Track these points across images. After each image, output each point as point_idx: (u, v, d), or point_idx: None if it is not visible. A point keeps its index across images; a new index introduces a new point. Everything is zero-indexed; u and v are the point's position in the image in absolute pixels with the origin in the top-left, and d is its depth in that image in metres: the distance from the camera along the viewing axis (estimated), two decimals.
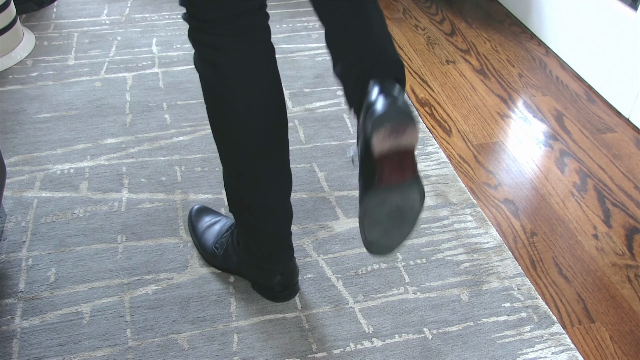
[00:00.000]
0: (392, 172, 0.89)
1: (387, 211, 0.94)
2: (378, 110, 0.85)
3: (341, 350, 1.17)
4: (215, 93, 1.02)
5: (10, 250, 1.35)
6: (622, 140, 1.77)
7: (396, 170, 0.90)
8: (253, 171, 1.08)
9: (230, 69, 0.99)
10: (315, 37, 2.18)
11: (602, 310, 1.29)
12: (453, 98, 1.92)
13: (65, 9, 2.31)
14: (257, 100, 1.02)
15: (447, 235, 1.43)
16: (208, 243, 1.31)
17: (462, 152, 1.69)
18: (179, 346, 1.17)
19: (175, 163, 1.60)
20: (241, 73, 0.99)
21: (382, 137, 0.86)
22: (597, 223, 1.49)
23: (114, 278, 1.30)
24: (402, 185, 0.91)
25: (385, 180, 0.89)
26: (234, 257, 1.25)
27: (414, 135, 0.88)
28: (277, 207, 1.14)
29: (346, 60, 0.94)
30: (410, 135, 0.88)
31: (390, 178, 0.90)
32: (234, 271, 1.29)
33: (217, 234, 1.31)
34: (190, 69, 1.98)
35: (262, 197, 1.11)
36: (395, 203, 0.93)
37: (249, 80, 1.00)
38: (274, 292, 1.24)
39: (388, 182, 0.90)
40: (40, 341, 1.17)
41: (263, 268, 1.21)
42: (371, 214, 0.93)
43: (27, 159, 1.60)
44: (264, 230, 1.16)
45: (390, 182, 0.90)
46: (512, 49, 2.19)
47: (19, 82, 1.89)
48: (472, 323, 1.23)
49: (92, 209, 1.46)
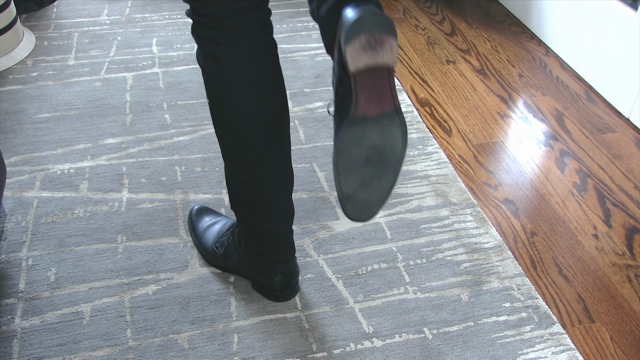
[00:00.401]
0: (370, 100, 0.82)
1: (365, 153, 0.86)
2: (351, 18, 0.77)
3: (341, 350, 1.17)
4: (216, 88, 1.02)
5: (10, 250, 1.35)
6: (622, 140, 1.77)
7: (374, 99, 0.82)
8: (254, 167, 1.08)
9: (231, 63, 0.99)
10: (315, 37, 2.18)
11: (602, 310, 1.29)
12: (453, 98, 1.92)
13: (65, 9, 2.31)
14: (258, 95, 1.02)
15: (447, 235, 1.43)
16: (208, 242, 1.31)
17: (462, 152, 1.69)
18: (179, 346, 1.17)
19: (176, 163, 1.60)
20: (242, 68, 1.00)
21: (358, 49, 0.79)
22: (597, 223, 1.49)
23: (114, 278, 1.30)
24: (380, 118, 0.83)
25: (362, 109, 0.82)
26: (234, 256, 1.25)
27: (393, 50, 0.80)
28: (279, 204, 1.14)
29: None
30: (388, 49, 0.80)
31: (367, 107, 0.82)
32: (234, 270, 1.29)
33: (217, 233, 1.31)
34: (190, 69, 1.98)
35: (263, 194, 1.11)
36: (374, 141, 0.85)
37: (249, 75, 1.01)
38: (275, 291, 1.24)
39: (365, 112, 0.82)
40: (41, 341, 1.17)
41: (264, 267, 1.21)
42: (347, 155, 0.85)
43: (27, 159, 1.60)
44: (264, 228, 1.16)
45: (367, 112, 0.82)
46: (512, 49, 2.19)
47: (19, 82, 1.89)
48: (472, 323, 1.23)
49: (92, 209, 1.46)
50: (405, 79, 2.01)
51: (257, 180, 1.10)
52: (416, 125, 1.77)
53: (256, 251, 1.20)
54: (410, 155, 1.65)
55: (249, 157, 1.07)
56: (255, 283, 1.27)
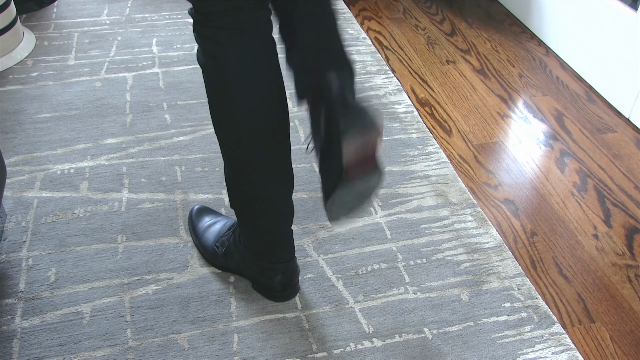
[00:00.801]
0: (358, 168, 0.97)
1: (351, 198, 1.03)
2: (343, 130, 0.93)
3: (341, 350, 1.17)
4: (216, 87, 1.03)
5: (10, 250, 1.35)
6: (622, 140, 1.77)
7: (361, 165, 0.98)
8: (254, 166, 1.09)
9: (230, 61, 1.00)
10: None
11: (602, 310, 1.29)
12: (453, 98, 1.92)
13: (65, 9, 2.31)
14: (258, 95, 1.03)
15: (447, 235, 1.43)
16: (208, 242, 1.31)
17: (462, 152, 1.69)
18: (179, 346, 1.17)
19: (176, 163, 1.60)
20: (242, 67, 1.00)
21: (352, 150, 0.95)
22: (597, 223, 1.49)
23: (114, 278, 1.30)
24: (366, 176, 1.00)
25: (352, 177, 0.98)
26: (235, 255, 1.25)
27: (380, 134, 0.97)
28: (278, 203, 1.14)
29: (301, 48, 1.03)
30: (375, 135, 0.96)
31: (355, 172, 0.98)
32: (234, 270, 1.29)
33: (217, 233, 1.31)
34: (190, 69, 1.98)
35: (263, 193, 1.11)
36: (359, 189, 1.02)
37: (249, 74, 1.01)
38: (275, 291, 1.24)
39: (354, 176, 0.98)
40: (41, 341, 1.17)
41: (264, 267, 1.22)
42: (338, 203, 1.03)
43: (27, 159, 1.60)
44: (264, 227, 1.16)
45: (355, 175, 0.98)
46: (512, 49, 2.19)
47: (19, 82, 1.89)
48: (472, 323, 1.23)
49: (93, 209, 1.46)
50: (405, 79, 2.01)
51: (257, 180, 1.10)
52: (416, 125, 1.77)
53: (256, 250, 1.20)
54: (410, 155, 1.65)
55: (249, 157, 1.07)
56: (255, 283, 1.27)
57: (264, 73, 1.03)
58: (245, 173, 1.09)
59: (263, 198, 1.12)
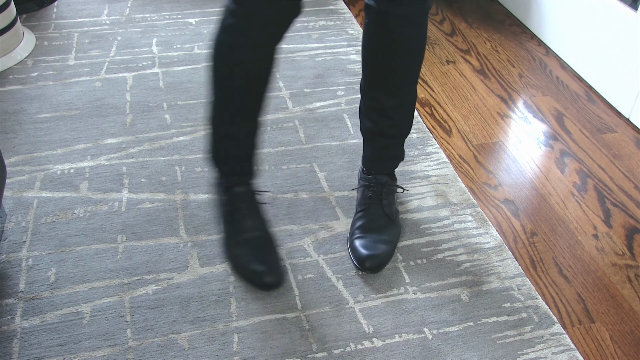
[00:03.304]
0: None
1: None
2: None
3: (341, 350, 1.17)
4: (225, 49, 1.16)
5: (10, 250, 1.35)
6: (622, 140, 1.77)
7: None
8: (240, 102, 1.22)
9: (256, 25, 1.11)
10: (315, 37, 2.18)
11: (602, 310, 1.29)
12: (453, 98, 1.92)
13: (65, 9, 2.31)
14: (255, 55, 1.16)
15: (447, 235, 1.43)
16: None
17: (462, 152, 1.69)
18: (179, 346, 1.17)
19: (176, 163, 1.60)
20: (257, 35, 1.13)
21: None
22: (597, 223, 1.49)
23: (114, 278, 1.30)
24: None
25: None
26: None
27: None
28: (249, 129, 1.27)
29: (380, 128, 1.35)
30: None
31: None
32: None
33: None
34: (190, 69, 1.98)
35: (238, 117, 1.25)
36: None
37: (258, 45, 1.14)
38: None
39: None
40: (41, 341, 1.17)
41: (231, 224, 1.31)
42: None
43: (27, 159, 1.60)
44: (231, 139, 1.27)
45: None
46: (512, 49, 2.19)
47: (19, 82, 1.89)
48: (472, 323, 1.23)
49: (92, 209, 1.46)
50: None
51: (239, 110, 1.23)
52: (416, 125, 1.77)
53: (217, 160, 1.31)
54: (410, 156, 1.65)
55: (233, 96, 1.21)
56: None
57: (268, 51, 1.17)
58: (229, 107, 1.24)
59: (237, 120, 1.25)
